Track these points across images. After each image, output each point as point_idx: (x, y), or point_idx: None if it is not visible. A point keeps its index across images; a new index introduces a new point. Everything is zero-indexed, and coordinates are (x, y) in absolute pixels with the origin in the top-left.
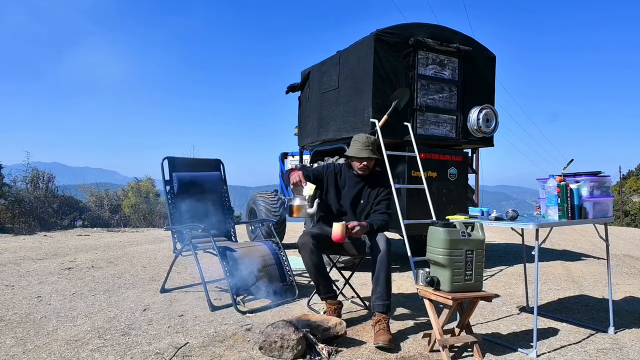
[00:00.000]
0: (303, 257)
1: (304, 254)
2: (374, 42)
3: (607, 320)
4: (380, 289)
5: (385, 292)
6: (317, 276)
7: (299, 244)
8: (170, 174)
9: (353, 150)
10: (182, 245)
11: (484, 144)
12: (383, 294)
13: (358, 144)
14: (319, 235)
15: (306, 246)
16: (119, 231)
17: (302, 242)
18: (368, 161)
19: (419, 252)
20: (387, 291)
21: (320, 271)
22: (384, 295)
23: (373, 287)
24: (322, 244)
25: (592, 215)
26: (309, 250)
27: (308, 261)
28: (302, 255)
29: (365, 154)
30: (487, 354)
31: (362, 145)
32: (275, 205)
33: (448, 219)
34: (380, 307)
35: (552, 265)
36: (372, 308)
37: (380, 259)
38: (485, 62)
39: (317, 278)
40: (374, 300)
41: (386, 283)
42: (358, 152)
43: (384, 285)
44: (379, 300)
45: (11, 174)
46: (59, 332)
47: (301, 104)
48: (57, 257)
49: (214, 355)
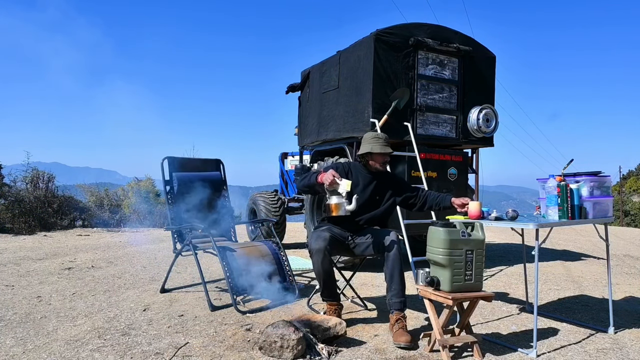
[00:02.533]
0: (315, 262)
1: (316, 259)
2: (374, 42)
3: (607, 320)
4: (395, 286)
5: (401, 289)
6: (326, 280)
7: (312, 249)
8: (170, 173)
9: (377, 147)
10: (182, 245)
11: (484, 144)
12: (399, 292)
13: (379, 141)
14: (332, 239)
15: (321, 252)
16: (119, 231)
17: (317, 247)
18: (390, 156)
19: (419, 252)
20: (402, 288)
21: (331, 276)
22: (399, 292)
23: (388, 285)
24: (334, 248)
25: (592, 215)
26: (323, 255)
27: (320, 267)
28: (315, 259)
29: (388, 150)
30: (487, 354)
31: (383, 142)
32: (275, 205)
33: (448, 219)
34: (397, 305)
35: (552, 265)
36: (389, 306)
37: (393, 257)
38: (485, 62)
39: (326, 282)
40: (390, 298)
41: (401, 280)
42: (383, 149)
43: (399, 283)
44: (395, 298)
45: (11, 174)
46: (59, 332)
47: (301, 104)
48: (57, 257)
49: (214, 355)
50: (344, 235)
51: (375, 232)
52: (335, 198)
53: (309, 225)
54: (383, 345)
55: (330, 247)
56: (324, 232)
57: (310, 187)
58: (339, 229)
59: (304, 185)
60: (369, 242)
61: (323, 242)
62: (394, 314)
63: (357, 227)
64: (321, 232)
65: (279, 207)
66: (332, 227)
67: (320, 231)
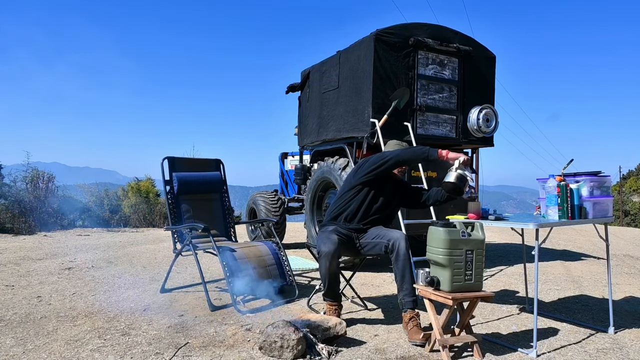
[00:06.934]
0: (323, 265)
1: (325, 262)
2: (374, 42)
3: (607, 320)
4: (407, 285)
5: (412, 288)
6: (331, 282)
7: (322, 251)
8: (170, 173)
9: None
10: (182, 245)
11: (484, 144)
12: (411, 290)
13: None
14: (340, 241)
15: (330, 255)
16: (119, 231)
17: (326, 250)
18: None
19: (419, 252)
20: (413, 287)
21: (337, 278)
22: (411, 291)
23: (399, 285)
24: (342, 249)
25: (592, 215)
26: (331, 258)
27: (327, 269)
28: (323, 262)
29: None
30: (487, 354)
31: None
32: (275, 205)
33: (448, 219)
34: (410, 304)
35: (552, 265)
36: (402, 305)
37: (403, 257)
38: (485, 62)
39: (332, 283)
40: (402, 297)
41: (411, 279)
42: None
43: (410, 282)
44: (408, 297)
45: (11, 174)
46: (59, 332)
47: (301, 104)
48: (57, 257)
49: (214, 355)
50: (350, 236)
51: (382, 232)
52: (460, 171)
53: (309, 225)
54: (383, 345)
55: (339, 250)
56: (332, 234)
57: (417, 160)
58: (345, 229)
59: (409, 157)
60: (376, 242)
61: (332, 246)
62: (407, 313)
63: (362, 227)
64: (329, 234)
65: (279, 207)
66: (339, 228)
67: (329, 233)
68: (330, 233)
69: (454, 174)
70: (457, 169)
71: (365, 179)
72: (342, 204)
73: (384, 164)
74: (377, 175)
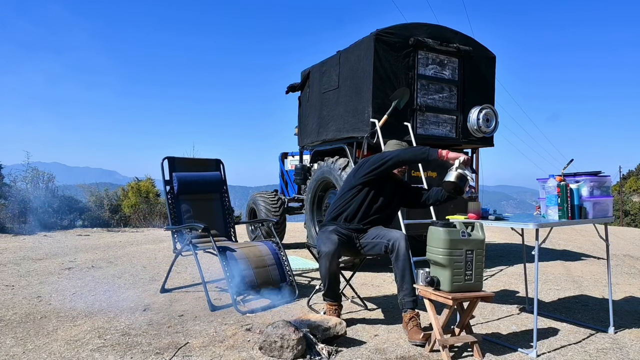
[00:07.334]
0: (323, 265)
1: (325, 262)
2: (374, 42)
3: (607, 320)
4: (407, 285)
5: (412, 288)
6: (331, 282)
7: (322, 251)
8: (170, 173)
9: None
10: (182, 245)
11: (484, 144)
12: (411, 290)
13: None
14: (340, 242)
15: (330, 255)
16: (119, 231)
17: (327, 251)
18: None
19: (419, 252)
20: (413, 287)
21: (337, 278)
22: (411, 291)
23: (399, 285)
24: (342, 249)
25: (592, 215)
26: (331, 258)
27: (327, 269)
28: (323, 262)
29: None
30: (487, 354)
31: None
32: (275, 205)
33: (448, 219)
34: (410, 304)
35: (552, 265)
36: (402, 305)
37: (403, 257)
38: (485, 62)
39: (331, 284)
40: (402, 297)
41: (411, 279)
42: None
43: (410, 282)
44: (408, 297)
45: (11, 174)
46: (59, 332)
47: (301, 104)
48: (57, 257)
49: (214, 355)
50: (350, 236)
51: (382, 232)
52: (461, 170)
53: (309, 225)
54: (383, 345)
55: (339, 250)
56: (332, 234)
57: (417, 161)
58: (345, 229)
59: (409, 157)
60: (376, 242)
61: (333, 246)
62: (407, 313)
63: (363, 227)
64: (329, 234)
65: (279, 207)
66: (339, 228)
67: (329, 233)
68: (330, 233)
69: (454, 174)
70: (458, 169)
71: (366, 179)
72: (342, 204)
73: (384, 164)
74: (377, 175)
